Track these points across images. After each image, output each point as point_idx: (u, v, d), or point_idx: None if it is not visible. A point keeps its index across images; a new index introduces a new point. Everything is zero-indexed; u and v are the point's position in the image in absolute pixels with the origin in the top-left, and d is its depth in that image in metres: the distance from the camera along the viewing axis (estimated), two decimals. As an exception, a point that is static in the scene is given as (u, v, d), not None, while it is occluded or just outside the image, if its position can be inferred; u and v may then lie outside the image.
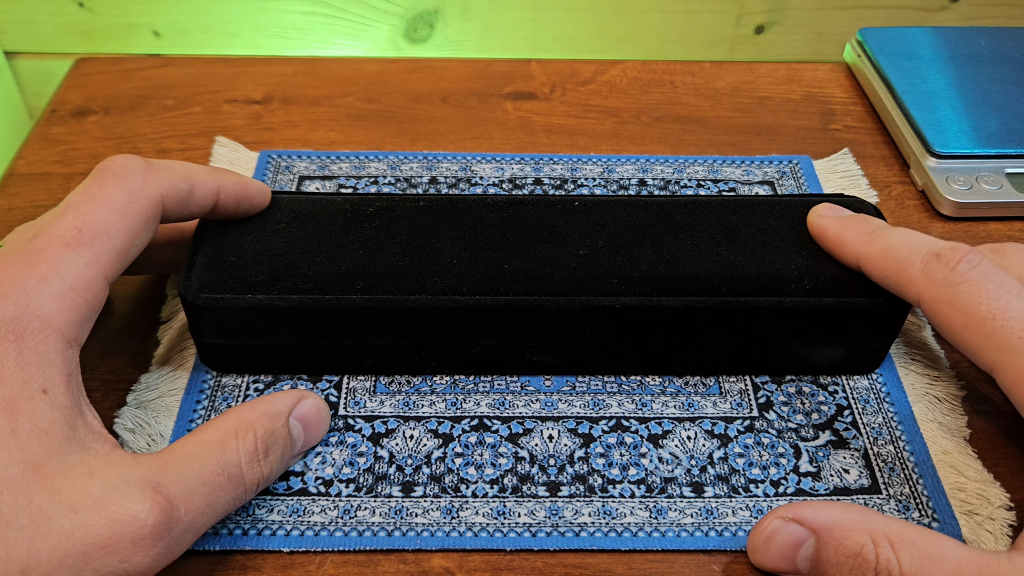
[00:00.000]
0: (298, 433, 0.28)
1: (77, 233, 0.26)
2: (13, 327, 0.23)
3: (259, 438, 0.26)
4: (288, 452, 0.28)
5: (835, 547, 0.25)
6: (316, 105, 0.47)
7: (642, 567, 0.28)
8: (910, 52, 0.48)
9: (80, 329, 0.25)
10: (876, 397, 0.33)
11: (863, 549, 0.24)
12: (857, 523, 0.25)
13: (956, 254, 0.28)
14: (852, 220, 0.31)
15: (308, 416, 0.29)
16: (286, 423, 0.28)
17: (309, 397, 0.29)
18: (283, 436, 0.27)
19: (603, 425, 0.31)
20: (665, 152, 0.44)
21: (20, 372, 0.23)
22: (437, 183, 0.41)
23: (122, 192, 0.27)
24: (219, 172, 0.31)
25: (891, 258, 0.29)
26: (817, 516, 0.25)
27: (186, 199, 0.29)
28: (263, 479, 0.27)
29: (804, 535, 0.25)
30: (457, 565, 0.28)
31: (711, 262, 0.31)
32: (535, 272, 0.31)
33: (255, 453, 0.26)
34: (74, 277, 0.25)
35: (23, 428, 0.22)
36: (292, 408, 0.28)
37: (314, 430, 0.29)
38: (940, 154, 0.41)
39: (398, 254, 0.31)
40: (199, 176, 0.30)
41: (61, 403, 0.24)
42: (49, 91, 0.49)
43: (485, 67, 0.50)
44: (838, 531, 0.25)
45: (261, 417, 0.27)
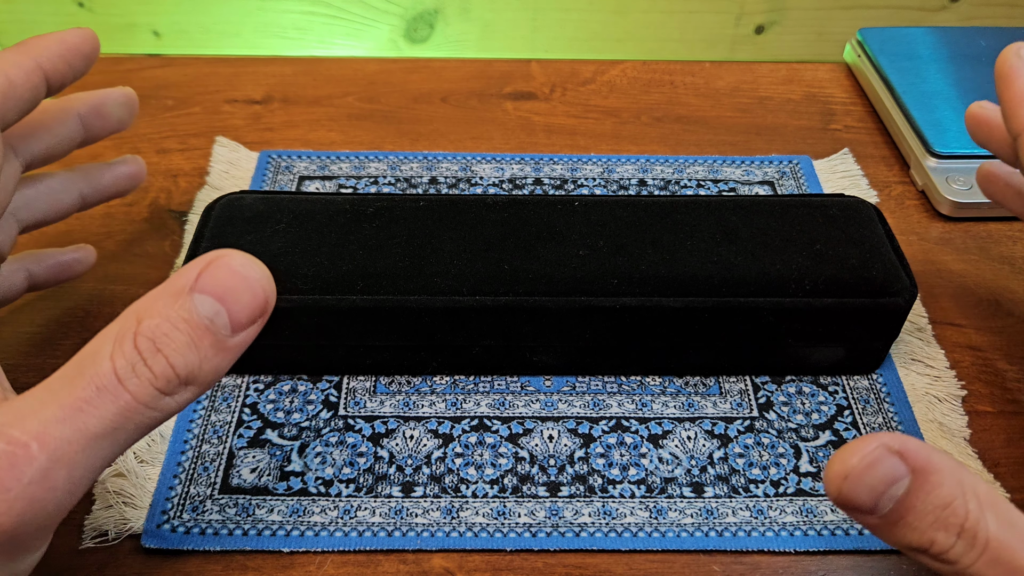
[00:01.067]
0: (213, 310, 0.21)
1: None
2: None
3: (140, 333, 0.20)
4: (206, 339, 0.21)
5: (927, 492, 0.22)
6: (316, 105, 0.47)
7: (642, 567, 0.28)
8: (910, 52, 0.48)
9: None
10: (876, 397, 0.33)
11: (955, 501, 0.21)
12: (953, 472, 0.22)
13: None
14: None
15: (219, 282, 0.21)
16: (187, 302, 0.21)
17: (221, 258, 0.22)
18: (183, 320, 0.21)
19: (603, 425, 0.31)
20: (665, 152, 0.44)
21: None
22: (437, 183, 0.41)
23: None
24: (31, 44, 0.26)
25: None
26: (920, 454, 0.22)
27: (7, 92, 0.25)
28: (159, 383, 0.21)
29: (902, 472, 0.22)
30: (457, 565, 0.28)
31: (711, 262, 0.31)
32: (535, 272, 0.31)
33: (135, 355, 0.20)
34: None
35: None
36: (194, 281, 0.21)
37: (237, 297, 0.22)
38: (940, 154, 0.41)
39: (398, 254, 0.31)
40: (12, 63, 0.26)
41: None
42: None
43: (485, 67, 0.50)
44: (936, 476, 0.22)
45: (152, 306, 0.21)
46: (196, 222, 0.34)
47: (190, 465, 0.30)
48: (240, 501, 0.29)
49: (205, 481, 0.29)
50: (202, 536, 0.28)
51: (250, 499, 0.29)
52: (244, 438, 0.31)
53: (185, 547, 0.27)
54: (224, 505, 0.29)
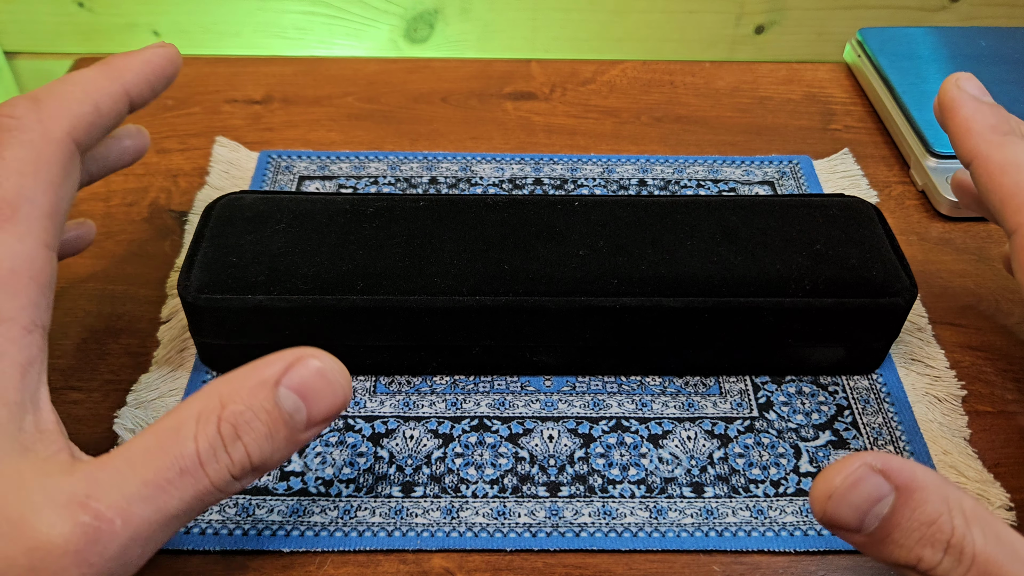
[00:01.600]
0: (294, 405, 0.22)
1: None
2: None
3: (224, 419, 0.21)
4: (281, 431, 0.22)
5: (912, 510, 0.22)
6: (316, 105, 0.47)
7: (642, 567, 0.28)
8: (910, 52, 0.48)
9: (36, 310, 0.23)
10: (876, 397, 0.33)
11: (940, 518, 0.21)
12: (938, 489, 0.22)
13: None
14: (991, 109, 0.28)
15: (306, 382, 0.22)
16: (272, 394, 0.22)
17: (309, 357, 0.23)
18: (266, 411, 0.22)
19: (603, 425, 0.31)
20: (665, 152, 0.44)
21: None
22: (437, 183, 0.41)
23: (23, 148, 0.23)
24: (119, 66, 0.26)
25: (1011, 175, 0.26)
26: (903, 472, 0.22)
27: (95, 120, 0.25)
28: (235, 471, 0.22)
29: (886, 491, 0.22)
30: (457, 565, 0.28)
31: (711, 262, 0.31)
32: (535, 272, 0.31)
33: (218, 440, 0.21)
34: (10, 259, 0.22)
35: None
36: (281, 374, 0.22)
37: (320, 400, 0.23)
38: (940, 154, 0.41)
39: (398, 254, 0.31)
40: (99, 88, 0.26)
41: (10, 399, 0.21)
42: (49, 91, 0.49)
43: (485, 67, 0.50)
44: (920, 493, 0.22)
45: (237, 391, 0.22)
46: (196, 222, 0.34)
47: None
48: (240, 501, 0.29)
49: (205, 481, 0.29)
50: (202, 536, 0.28)
51: (250, 499, 0.29)
52: (244, 438, 0.31)
53: (185, 547, 0.27)
54: (224, 505, 0.29)
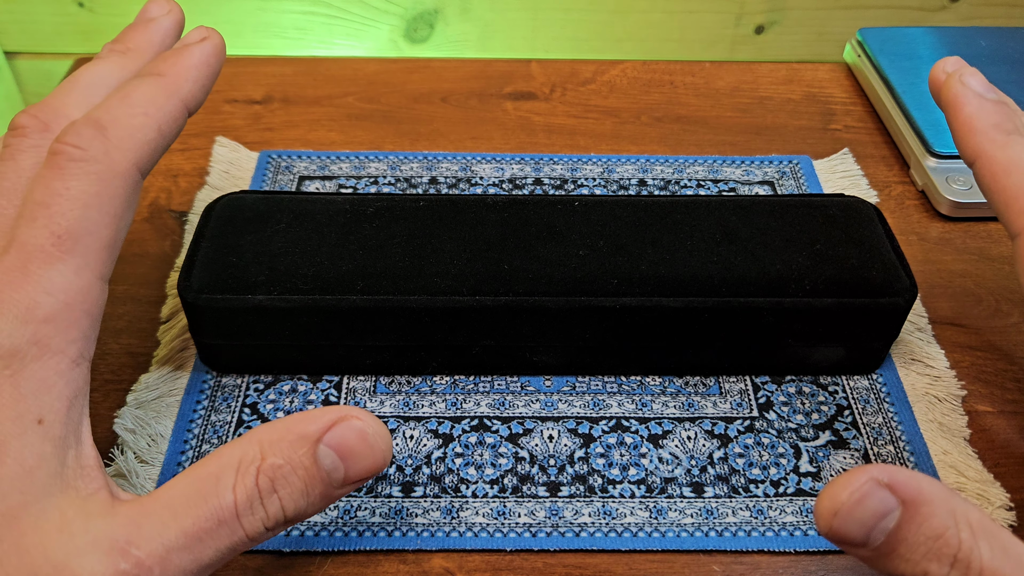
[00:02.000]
0: (333, 464, 0.22)
1: (57, 241, 0.22)
2: (9, 362, 0.21)
3: (263, 471, 0.21)
4: (317, 488, 0.22)
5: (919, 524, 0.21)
6: (316, 105, 0.47)
7: (642, 567, 0.28)
8: (910, 52, 0.48)
9: (85, 343, 0.23)
10: (876, 397, 0.33)
11: (947, 532, 0.21)
12: (945, 501, 0.21)
13: None
14: (995, 107, 0.27)
15: (346, 442, 0.22)
16: (312, 451, 0.22)
17: (353, 417, 0.23)
18: (305, 467, 0.22)
19: (603, 425, 0.31)
20: (665, 152, 0.44)
21: (14, 405, 0.21)
22: (437, 183, 0.41)
23: (90, 179, 0.23)
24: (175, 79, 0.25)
25: (1016, 176, 0.26)
26: (910, 486, 0.21)
27: (159, 146, 0.25)
28: (269, 523, 0.22)
29: (892, 505, 0.22)
30: (457, 565, 0.28)
31: (711, 262, 0.31)
32: (535, 272, 0.31)
33: (255, 493, 0.21)
34: (65, 291, 0.22)
35: (7, 472, 0.21)
36: (323, 431, 0.22)
37: (359, 460, 0.23)
38: (940, 154, 0.41)
39: (398, 254, 0.31)
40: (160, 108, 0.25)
41: (55, 433, 0.21)
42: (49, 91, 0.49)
43: (485, 67, 0.50)
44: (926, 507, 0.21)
45: (278, 443, 0.22)
46: (196, 222, 0.34)
47: (190, 465, 0.30)
48: (240, 501, 0.29)
49: (205, 481, 0.29)
50: (202, 536, 0.28)
51: (250, 499, 0.29)
52: (244, 438, 0.31)
53: (185, 547, 0.27)
54: (224, 505, 0.29)
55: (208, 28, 0.27)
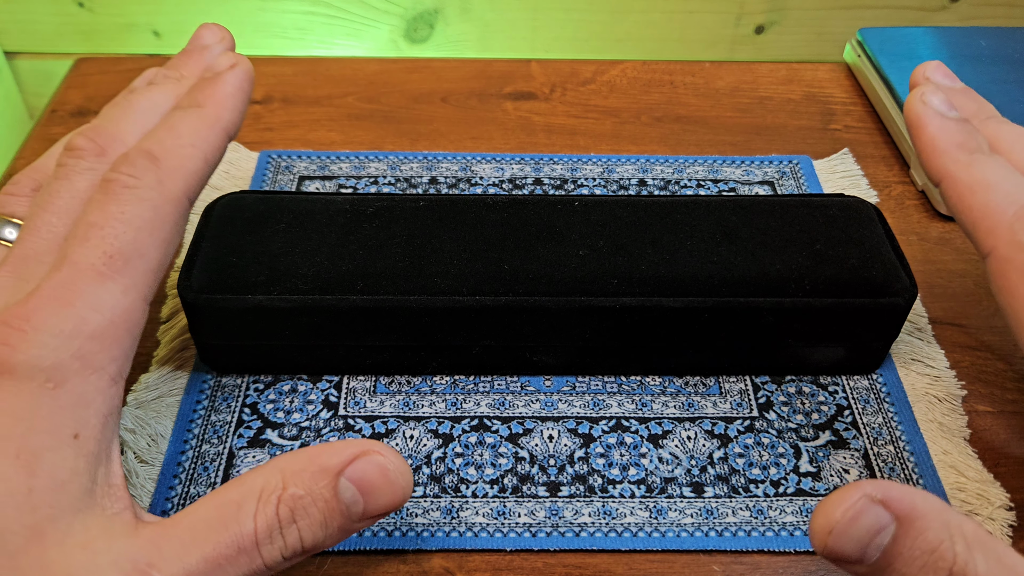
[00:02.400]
0: (352, 497, 0.23)
1: (109, 260, 0.23)
2: (51, 374, 0.22)
3: (284, 501, 0.22)
4: (336, 520, 0.22)
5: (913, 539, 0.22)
6: (316, 105, 0.47)
7: (642, 567, 0.28)
8: (910, 52, 0.48)
9: (124, 362, 0.23)
10: (876, 397, 0.33)
11: (941, 545, 0.21)
12: (940, 516, 0.22)
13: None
14: (957, 126, 0.27)
15: (366, 477, 0.23)
16: (333, 483, 0.22)
17: (375, 452, 0.23)
18: (324, 499, 0.22)
19: (603, 425, 0.31)
20: (665, 152, 0.44)
21: (52, 418, 0.21)
22: (437, 183, 0.41)
23: (144, 205, 0.24)
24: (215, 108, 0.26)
25: (981, 195, 0.26)
26: (904, 501, 0.22)
27: (206, 174, 0.26)
28: (287, 553, 0.22)
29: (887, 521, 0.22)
30: (457, 565, 0.28)
31: (711, 262, 0.31)
32: (535, 272, 0.31)
33: (275, 522, 0.22)
34: (112, 309, 0.23)
35: (40, 484, 0.21)
36: (344, 465, 0.22)
37: (378, 496, 0.23)
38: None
39: (398, 254, 0.31)
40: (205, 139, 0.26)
41: (89, 449, 0.22)
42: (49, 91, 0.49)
43: (485, 67, 0.50)
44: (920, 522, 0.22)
45: (300, 473, 0.22)
46: (196, 222, 0.34)
47: (190, 465, 0.30)
48: (240, 501, 0.29)
49: (205, 481, 0.29)
50: (202, 536, 0.28)
51: (250, 499, 0.29)
52: (244, 438, 0.31)
53: (185, 547, 0.27)
54: (224, 505, 0.29)
55: (236, 54, 0.28)
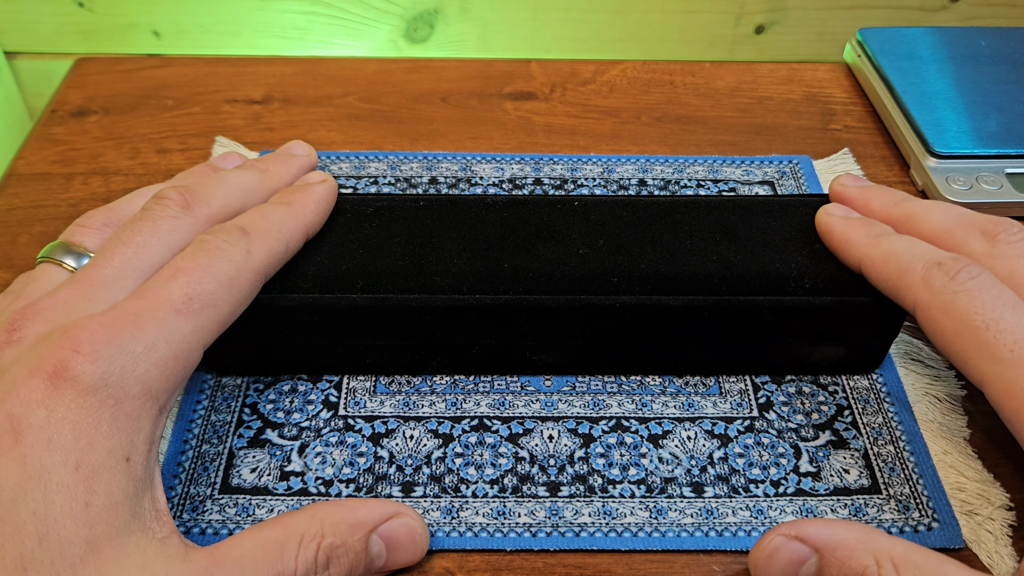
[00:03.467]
0: (379, 551, 0.26)
1: (188, 300, 0.25)
2: (115, 392, 0.23)
3: (322, 548, 0.24)
4: (359, 569, 0.25)
5: (838, 567, 0.24)
6: (316, 105, 0.47)
7: (642, 567, 0.28)
8: (910, 52, 0.48)
9: (173, 396, 0.25)
10: (876, 397, 0.33)
11: (866, 570, 0.23)
12: (861, 543, 0.24)
13: (957, 264, 0.27)
14: (859, 222, 0.31)
15: (396, 536, 0.26)
16: (365, 537, 0.25)
17: (404, 515, 0.26)
18: (356, 551, 0.25)
19: (603, 425, 0.31)
20: (665, 152, 0.44)
21: (111, 438, 0.23)
22: (437, 183, 0.41)
23: (230, 266, 0.27)
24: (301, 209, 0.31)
25: (893, 262, 0.29)
26: (820, 534, 0.24)
27: (284, 258, 0.30)
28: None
29: (807, 553, 0.25)
30: (457, 565, 0.28)
31: (711, 261, 0.31)
32: (535, 271, 0.31)
33: (313, 565, 0.24)
34: (179, 345, 0.25)
35: (97, 501, 0.22)
36: (378, 522, 0.26)
37: (400, 553, 0.26)
38: (940, 154, 0.41)
39: (398, 253, 0.31)
40: (290, 230, 0.30)
41: (138, 474, 0.23)
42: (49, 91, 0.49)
43: (485, 67, 0.50)
44: (841, 551, 0.24)
45: (338, 524, 0.25)
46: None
47: (190, 465, 0.30)
48: (240, 501, 0.29)
49: (205, 481, 0.29)
50: (202, 536, 0.28)
51: (250, 499, 0.29)
52: (244, 438, 0.31)
53: (185, 547, 0.27)
54: (224, 505, 0.29)
55: (325, 174, 0.33)
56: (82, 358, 0.23)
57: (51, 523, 0.21)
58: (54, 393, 0.22)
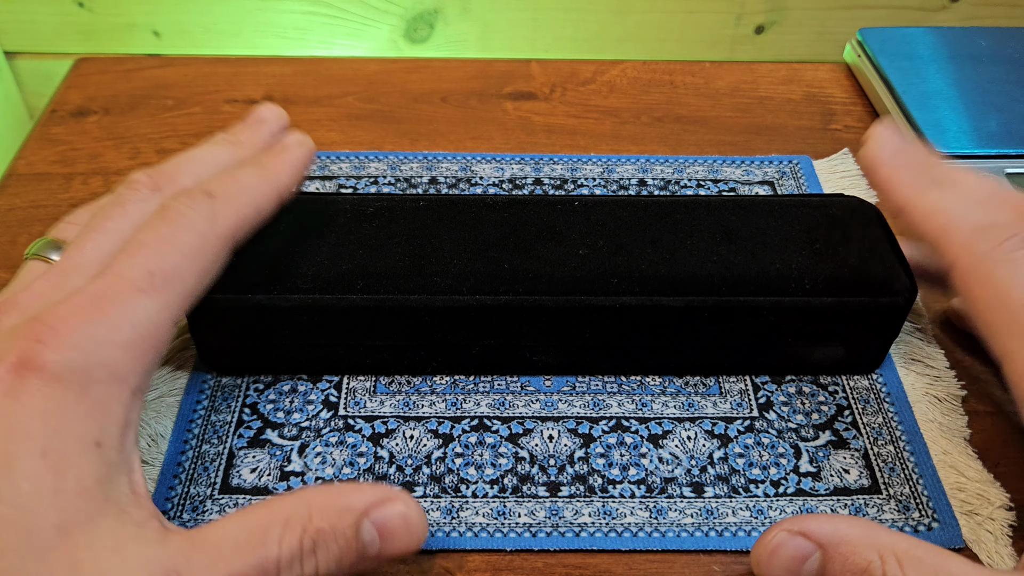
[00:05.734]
0: (371, 538, 0.24)
1: (150, 277, 0.24)
2: (80, 377, 0.23)
3: (308, 533, 0.23)
4: (350, 557, 0.23)
5: (841, 562, 0.24)
6: (316, 105, 0.47)
7: (642, 567, 0.28)
8: (910, 52, 0.48)
9: (146, 377, 0.25)
10: (876, 397, 0.33)
11: (870, 565, 0.23)
12: (865, 538, 0.24)
13: (1006, 232, 0.26)
14: (911, 160, 0.29)
15: (389, 523, 0.24)
16: (356, 523, 0.23)
17: (398, 501, 0.24)
18: (345, 537, 0.23)
19: (603, 425, 0.31)
20: (665, 152, 0.44)
21: (79, 424, 0.22)
22: (437, 183, 0.41)
23: (193, 234, 0.26)
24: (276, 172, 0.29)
25: (940, 216, 0.28)
26: (823, 529, 0.24)
27: (254, 222, 0.28)
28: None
29: (810, 549, 0.24)
30: (457, 565, 0.28)
31: (711, 262, 0.31)
32: (535, 272, 0.31)
33: (298, 551, 0.23)
34: (145, 325, 0.24)
35: (67, 486, 0.22)
36: (370, 507, 0.24)
37: (395, 540, 0.24)
38: (940, 154, 0.41)
39: (398, 254, 0.31)
40: (262, 193, 0.28)
41: (111, 458, 0.23)
42: (49, 91, 0.49)
43: (485, 67, 0.50)
44: (845, 546, 0.24)
45: (325, 508, 0.23)
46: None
47: (190, 465, 0.30)
48: (240, 501, 0.29)
49: (205, 481, 0.29)
50: (202, 536, 0.28)
51: (250, 499, 0.29)
52: (244, 438, 0.31)
53: (185, 547, 0.27)
54: (224, 505, 0.29)
55: (302, 134, 0.31)
56: (44, 347, 0.22)
57: (19, 510, 0.21)
58: (19, 383, 0.22)
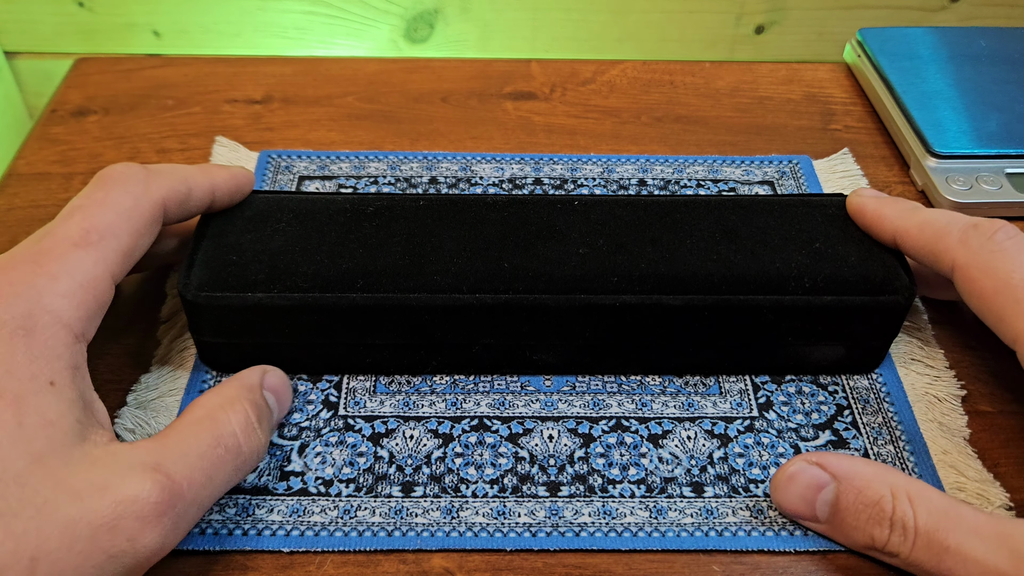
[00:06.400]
0: (273, 403, 0.29)
1: (85, 234, 0.27)
2: (24, 323, 0.25)
3: (248, 408, 0.27)
4: (269, 422, 0.29)
5: (855, 495, 0.26)
6: (316, 105, 0.47)
7: (642, 567, 0.28)
8: (910, 52, 0.48)
9: (88, 324, 0.26)
10: (876, 397, 0.33)
11: (881, 499, 0.25)
12: (879, 475, 0.26)
13: (993, 225, 0.29)
14: (890, 199, 0.32)
15: (276, 386, 0.29)
16: (262, 394, 0.28)
17: (270, 370, 0.30)
18: (264, 406, 0.28)
19: (603, 425, 0.31)
20: (665, 152, 0.44)
21: (29, 365, 0.24)
22: (437, 183, 0.41)
23: (127, 196, 0.28)
24: (212, 170, 0.32)
25: (928, 229, 0.30)
26: (841, 463, 0.26)
27: (185, 200, 0.31)
28: (260, 447, 0.27)
29: (826, 479, 0.26)
30: (457, 565, 0.28)
31: (711, 261, 0.31)
32: (535, 271, 0.31)
33: (248, 422, 0.27)
34: (83, 275, 0.26)
35: (30, 421, 0.23)
36: (262, 380, 0.29)
37: (283, 400, 0.30)
38: (940, 154, 0.41)
39: (398, 253, 0.31)
40: (195, 178, 0.31)
41: (67, 395, 0.24)
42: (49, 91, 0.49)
43: (485, 67, 0.50)
44: (859, 480, 0.26)
45: (241, 391, 0.28)
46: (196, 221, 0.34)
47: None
48: (240, 501, 0.29)
49: (205, 481, 0.29)
50: (202, 536, 0.28)
51: (250, 499, 0.29)
52: (244, 438, 0.31)
53: (185, 547, 0.27)
54: (224, 505, 0.29)
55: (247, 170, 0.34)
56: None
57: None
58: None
